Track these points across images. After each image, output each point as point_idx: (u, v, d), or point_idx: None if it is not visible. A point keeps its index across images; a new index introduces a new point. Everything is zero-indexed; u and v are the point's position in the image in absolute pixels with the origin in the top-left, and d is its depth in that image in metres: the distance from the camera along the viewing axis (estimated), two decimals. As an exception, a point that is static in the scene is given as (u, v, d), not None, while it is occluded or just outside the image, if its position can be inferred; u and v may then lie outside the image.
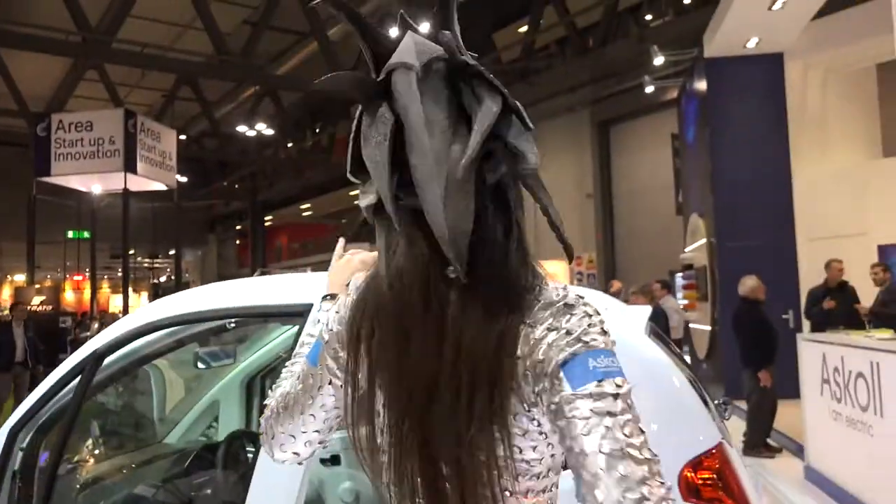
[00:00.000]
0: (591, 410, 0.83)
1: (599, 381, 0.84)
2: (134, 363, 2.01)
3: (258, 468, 1.47)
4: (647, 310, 1.97)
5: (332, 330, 1.02)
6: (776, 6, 7.92)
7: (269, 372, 2.84)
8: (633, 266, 17.67)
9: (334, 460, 2.94)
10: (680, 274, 12.11)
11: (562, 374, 0.85)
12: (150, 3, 17.33)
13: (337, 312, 1.03)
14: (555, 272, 1.20)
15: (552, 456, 0.91)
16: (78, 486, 2.28)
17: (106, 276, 30.31)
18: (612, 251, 18.76)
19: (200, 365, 2.51)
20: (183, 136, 23.30)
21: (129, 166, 14.94)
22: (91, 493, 2.30)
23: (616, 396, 0.84)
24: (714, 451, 1.61)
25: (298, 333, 1.46)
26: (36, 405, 1.96)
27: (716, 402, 2.08)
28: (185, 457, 2.25)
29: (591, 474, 0.81)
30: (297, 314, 1.53)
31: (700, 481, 1.57)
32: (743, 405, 6.74)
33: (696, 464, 1.58)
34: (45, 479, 1.87)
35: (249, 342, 2.78)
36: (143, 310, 1.84)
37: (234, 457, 1.94)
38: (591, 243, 18.27)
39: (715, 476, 1.58)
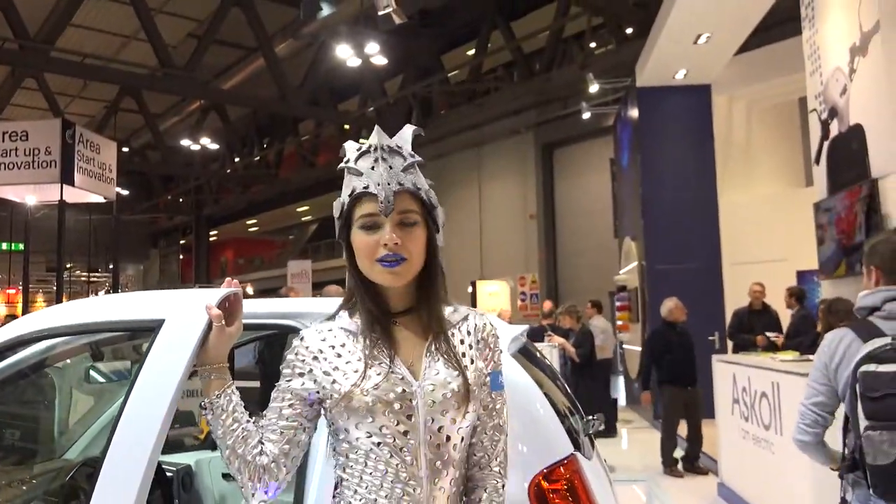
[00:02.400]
0: None
1: None
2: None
3: (95, 493, 1.52)
4: (518, 328, 2.08)
5: None
6: (701, 40, 8.31)
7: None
8: (575, 286, 18.00)
9: (237, 475, 2.97)
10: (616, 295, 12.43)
11: None
12: (92, 13, 17.07)
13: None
14: (496, 291, 1.42)
15: None
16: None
17: (41, 290, 29.38)
18: (554, 271, 19.08)
19: (98, 378, 2.51)
20: (125, 149, 22.89)
21: (66, 178, 14.59)
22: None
23: None
24: (566, 462, 1.72)
25: (147, 350, 1.54)
26: None
27: (588, 418, 2.20)
28: (67, 471, 2.26)
29: None
30: (149, 329, 1.60)
31: (551, 490, 1.68)
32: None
33: (547, 474, 1.69)
34: None
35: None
36: (5, 328, 1.86)
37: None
38: (534, 263, 18.56)
39: (565, 486, 1.69)
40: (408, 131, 1.36)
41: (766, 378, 4.87)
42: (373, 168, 1.27)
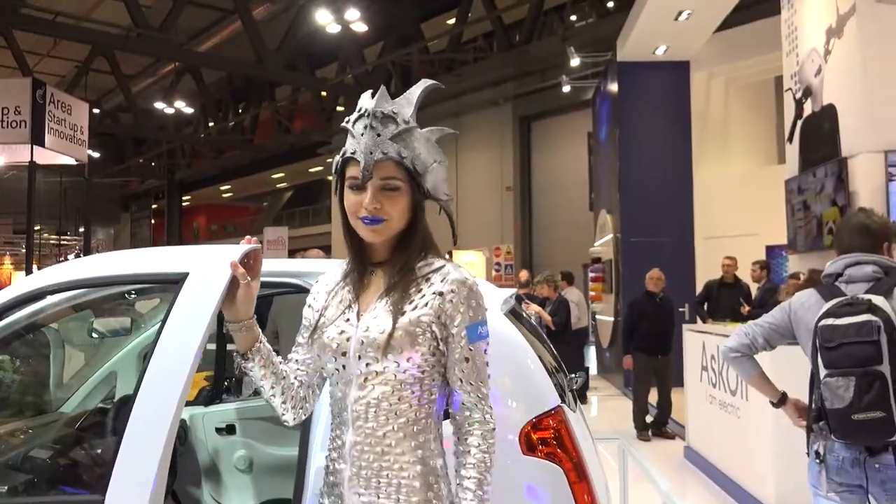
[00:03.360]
0: None
1: None
2: (17, 332, 2.09)
3: (127, 430, 1.61)
4: (507, 292, 2.20)
5: None
6: (682, 17, 8.41)
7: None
8: (549, 258, 18.24)
9: (230, 429, 3.08)
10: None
11: None
12: (64, -31, 16.62)
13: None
14: (471, 262, 1.51)
15: None
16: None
17: (8, 253, 28.88)
18: (529, 243, 19.28)
19: (94, 336, 2.58)
20: (97, 110, 22.43)
21: (37, 138, 14.30)
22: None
23: None
24: (553, 412, 1.85)
25: (173, 301, 1.63)
26: None
27: (571, 375, 2.34)
28: (74, 420, 2.34)
29: None
30: (173, 282, 1.69)
31: (539, 439, 1.81)
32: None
33: (536, 423, 1.82)
34: None
35: (148, 314, 2.88)
36: (26, 279, 1.91)
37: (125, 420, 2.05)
38: (510, 235, 18.73)
39: (552, 434, 1.83)
40: (416, 90, 1.42)
41: (735, 347, 5.07)
42: (362, 134, 1.34)
